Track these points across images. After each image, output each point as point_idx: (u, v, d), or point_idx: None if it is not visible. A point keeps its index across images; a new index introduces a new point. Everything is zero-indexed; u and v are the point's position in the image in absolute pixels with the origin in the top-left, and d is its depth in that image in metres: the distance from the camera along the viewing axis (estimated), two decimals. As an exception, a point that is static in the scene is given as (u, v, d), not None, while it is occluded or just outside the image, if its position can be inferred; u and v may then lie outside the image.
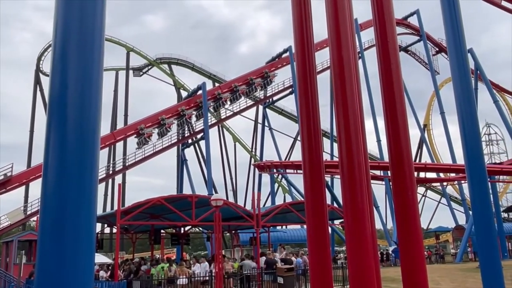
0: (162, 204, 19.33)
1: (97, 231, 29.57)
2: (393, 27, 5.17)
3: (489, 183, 35.29)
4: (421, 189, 65.42)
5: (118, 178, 48.71)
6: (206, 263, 18.03)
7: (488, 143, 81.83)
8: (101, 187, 49.49)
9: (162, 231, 29.16)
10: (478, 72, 52.95)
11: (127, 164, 40.25)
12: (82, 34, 4.44)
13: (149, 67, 57.54)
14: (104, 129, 56.23)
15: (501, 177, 41.80)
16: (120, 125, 51.69)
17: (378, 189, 61.79)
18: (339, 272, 21.68)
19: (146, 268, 19.54)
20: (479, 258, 12.86)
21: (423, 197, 66.57)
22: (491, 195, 38.36)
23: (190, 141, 46.18)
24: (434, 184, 58.90)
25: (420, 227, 5.09)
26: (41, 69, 55.28)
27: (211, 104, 42.26)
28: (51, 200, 3.95)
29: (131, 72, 56.90)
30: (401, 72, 5.18)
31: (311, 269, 5.43)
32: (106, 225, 29.35)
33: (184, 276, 16.82)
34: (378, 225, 56.24)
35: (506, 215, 68.02)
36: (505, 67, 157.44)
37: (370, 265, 4.77)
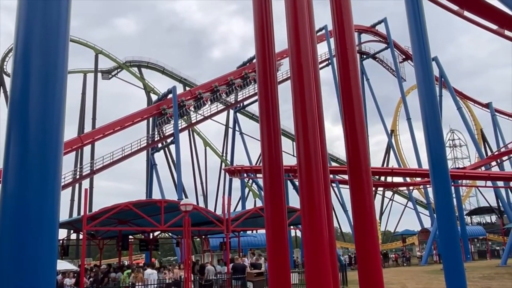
0: (130, 209, 19.00)
1: (63, 237, 28.80)
2: (351, 35, 5.29)
3: (452, 187, 36.47)
4: (388, 193, 66.86)
5: (86, 183, 47.63)
6: (151, 270, 17.54)
7: (452, 148, 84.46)
8: (67, 192, 48.29)
9: (130, 236, 28.66)
10: (443, 79, 54.65)
11: (95, 169, 39.40)
12: (45, 35, 4.35)
13: (118, 70, 56.64)
14: (71, 132, 54.98)
15: (464, 181, 43.12)
16: (87, 128, 50.70)
17: (348, 193, 62.63)
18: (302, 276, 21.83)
19: (114, 276, 19.14)
20: (442, 260, 13.22)
21: (390, 201, 68.02)
22: (455, 199, 39.60)
23: (160, 145, 45.65)
24: (401, 188, 60.28)
25: (376, 230, 5.20)
26: (4, 70, 53.58)
27: (192, 103, 42.01)
28: (10, 205, 3.84)
29: (99, 75, 55.89)
30: (359, 79, 5.31)
31: (270, 273, 5.45)
32: (72, 231, 28.64)
33: (141, 283, 16.53)
34: (347, 229, 57.09)
35: (469, 218, 70.27)
36: (468, 75, 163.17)
37: (327, 268, 4.81)
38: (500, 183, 42.62)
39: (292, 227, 28.38)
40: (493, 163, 45.74)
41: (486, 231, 53.79)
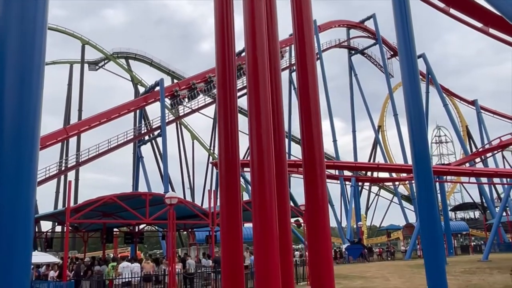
0: (115, 202, 18.89)
1: (47, 230, 28.56)
2: (310, 31, 5.28)
3: (437, 183, 36.90)
4: (374, 188, 67.45)
5: (71, 175, 47.19)
6: (127, 263, 17.46)
7: (438, 145, 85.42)
8: (52, 184, 47.79)
9: (115, 229, 28.53)
10: (430, 76, 55.07)
11: (80, 161, 39.09)
12: (22, 24, 4.28)
13: (106, 61, 56.03)
14: (57, 124, 54.44)
15: (448, 177, 43.66)
16: (73, 120, 50.11)
17: (334, 188, 63.14)
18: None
19: (98, 269, 19.04)
20: (423, 254, 13.40)
21: (376, 196, 68.63)
22: (439, 195, 40.17)
23: (147, 138, 45.39)
24: (387, 184, 60.83)
25: (328, 224, 5.23)
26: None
27: (186, 93, 41.94)
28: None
29: (86, 66, 55.22)
30: (317, 75, 5.31)
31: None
32: (56, 224, 28.40)
33: (119, 276, 16.48)
34: (333, 223, 57.46)
35: (453, 214, 71.30)
36: (455, 73, 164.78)
37: (275, 264, 4.82)
38: (484, 180, 43.27)
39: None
40: (478, 160, 46.38)
41: (469, 227, 54.65)
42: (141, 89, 50.96)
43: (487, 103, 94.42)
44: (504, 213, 44.87)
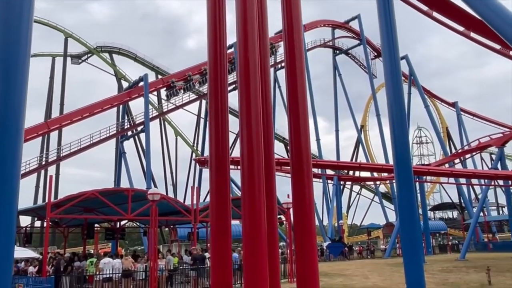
0: (97, 198, 18.75)
1: (26, 225, 28.12)
2: (300, 36, 5.37)
3: (417, 183, 37.46)
4: (356, 187, 68.17)
5: (52, 170, 46.53)
6: (108, 259, 17.36)
7: (419, 145, 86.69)
8: (32, 179, 47.06)
9: (96, 225, 28.28)
10: (412, 78, 55.88)
11: (61, 155, 38.59)
12: (6, 15, 4.26)
13: (89, 55, 55.30)
14: (38, 117, 53.59)
15: (428, 177, 44.42)
16: (55, 114, 49.41)
17: (316, 187, 63.48)
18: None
19: (78, 265, 18.87)
20: (402, 253, 13.64)
21: (358, 195, 69.36)
22: (419, 195, 40.80)
23: (130, 133, 45.03)
24: (368, 183, 61.57)
25: (314, 222, 5.34)
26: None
27: (182, 85, 41.86)
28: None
29: (69, 59, 54.44)
30: (305, 77, 5.41)
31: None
32: (36, 219, 28.03)
33: (98, 272, 16.40)
34: (315, 221, 57.89)
35: (432, 213, 72.52)
36: (437, 75, 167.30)
37: (263, 260, 4.91)
38: (462, 180, 44.14)
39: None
40: (457, 161, 47.27)
41: (448, 226, 55.69)
42: (125, 84, 50.55)
43: (468, 105, 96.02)
44: (481, 214, 45.86)
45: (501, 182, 37.06)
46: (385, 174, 42.67)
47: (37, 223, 33.11)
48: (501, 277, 19.17)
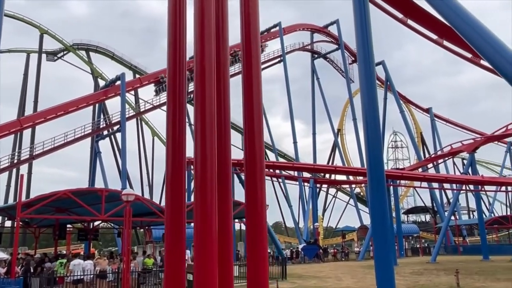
0: (70, 198, 18.41)
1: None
2: (257, 42, 5.44)
3: (391, 187, 38.09)
4: (332, 190, 68.84)
5: (24, 168, 45.50)
6: (79, 260, 17.12)
7: (394, 150, 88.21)
8: (3, 177, 45.87)
9: (69, 225, 27.77)
10: (388, 83, 56.84)
11: (34, 154, 37.78)
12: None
13: (65, 52, 54.35)
14: (10, 115, 52.29)
15: (402, 181, 45.23)
16: (28, 111, 48.35)
17: (293, 189, 63.84)
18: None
19: (49, 266, 18.51)
20: (374, 255, 13.89)
21: (334, 198, 70.02)
22: (393, 198, 41.52)
23: (106, 132, 44.41)
24: (344, 186, 62.28)
25: (265, 224, 5.42)
26: None
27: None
28: None
29: (44, 56, 53.37)
30: (261, 81, 5.47)
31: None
32: (6, 218, 27.35)
33: (69, 274, 16.16)
34: (291, 224, 58.28)
35: (405, 217, 73.83)
36: (413, 81, 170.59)
37: (213, 262, 4.96)
38: (435, 185, 45.12)
39: (236, 220, 28.62)
40: (430, 165, 48.26)
41: (420, 229, 56.79)
42: (102, 83, 49.85)
43: (442, 111, 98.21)
44: (453, 217, 46.96)
45: (471, 187, 38.03)
46: (361, 178, 43.27)
47: (7, 223, 32.29)
48: (469, 279, 19.70)
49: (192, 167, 37.16)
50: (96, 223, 27.38)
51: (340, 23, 59.34)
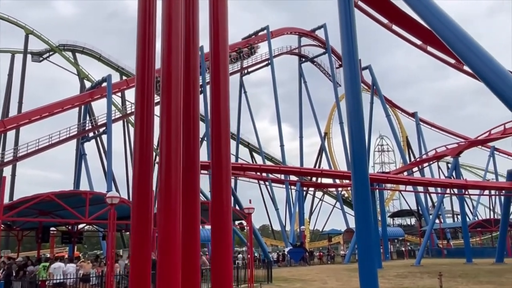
0: (53, 200, 18.22)
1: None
2: (225, 47, 5.48)
3: (377, 190, 38.37)
4: (319, 194, 69.07)
5: (8, 170, 44.83)
6: (59, 263, 16.92)
7: (380, 153, 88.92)
8: (-15, 179, 45.03)
9: (52, 228, 27.45)
10: (375, 87, 57.34)
11: (18, 156, 37.29)
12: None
13: (51, 53, 53.81)
14: (-6, 115, 51.44)
15: (388, 185, 45.65)
16: (13, 112, 47.69)
17: (279, 192, 64.02)
18: (232, 272, 22.06)
19: (32, 269, 18.24)
20: (358, 258, 14.01)
21: (320, 201, 70.23)
22: (379, 201, 41.88)
23: (91, 134, 44.03)
24: (330, 189, 62.56)
25: (231, 227, 5.44)
26: None
27: None
28: None
29: (29, 56, 52.78)
30: (228, 83, 5.50)
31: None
32: (-12, 221, 26.91)
33: (49, 277, 15.98)
34: (277, 227, 58.34)
35: (391, 220, 74.41)
36: (400, 85, 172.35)
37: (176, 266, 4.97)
38: (420, 188, 45.60)
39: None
40: (415, 169, 48.80)
41: (405, 233, 57.23)
42: (88, 84, 49.42)
43: (427, 116, 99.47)
44: (437, 221, 47.50)
45: (456, 190, 38.52)
46: (347, 181, 43.52)
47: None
48: (453, 282, 19.92)
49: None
50: (80, 226, 27.12)
51: (328, 28, 59.73)
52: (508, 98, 9.46)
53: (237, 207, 31.17)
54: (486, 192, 41.93)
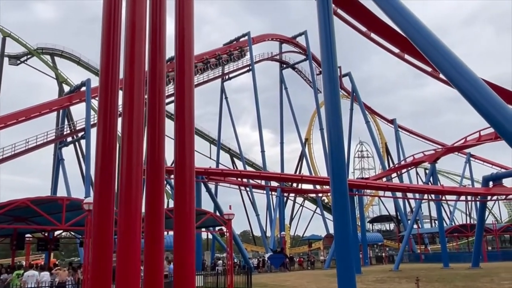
0: (29, 206, 17.83)
1: None
2: (190, 54, 5.51)
3: (356, 196, 38.68)
4: (300, 199, 69.34)
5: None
6: (33, 271, 16.61)
7: (360, 159, 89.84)
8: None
9: (28, 235, 26.83)
10: (354, 94, 58.05)
11: (-7, 161, 36.46)
12: None
13: (29, 56, 52.81)
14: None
15: (368, 190, 46.11)
16: (-13, 116, 46.56)
17: (260, 198, 64.01)
18: (212, 278, 21.97)
19: (5, 277, 17.81)
20: (336, 264, 14.08)
21: (301, 207, 70.54)
22: (358, 207, 42.29)
23: (69, 139, 43.36)
24: (311, 195, 62.87)
25: (193, 233, 5.44)
26: None
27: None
28: None
29: (6, 59, 51.70)
30: (193, 87, 5.51)
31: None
32: (-40, 228, 26.18)
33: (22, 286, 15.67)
34: (258, 233, 58.28)
35: (371, 225, 75.16)
36: (379, 92, 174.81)
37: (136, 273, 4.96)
38: (398, 194, 46.22)
39: (203, 229, 28.41)
40: (394, 175, 49.45)
41: (384, 238, 57.91)
42: (67, 88, 48.68)
43: (405, 123, 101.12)
44: (415, 226, 48.18)
45: (433, 196, 39.15)
46: (327, 187, 43.80)
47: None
48: (430, 286, 20.23)
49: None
50: (57, 232, 26.57)
51: (309, 35, 60.30)
52: (481, 106, 9.70)
53: (217, 213, 31.06)
54: (463, 197, 42.69)
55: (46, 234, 25.92)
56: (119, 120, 5.33)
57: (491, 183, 34.13)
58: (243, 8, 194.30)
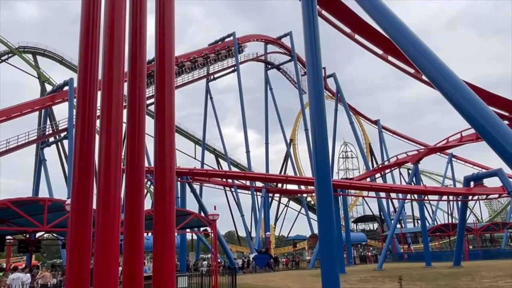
0: (9, 208, 17.52)
1: None
2: (171, 55, 5.50)
3: (341, 196, 38.93)
4: (284, 199, 69.52)
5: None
6: (18, 274, 16.39)
7: (344, 160, 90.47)
8: None
9: (9, 237, 26.37)
10: (339, 95, 58.43)
11: (-28, 161, 35.78)
12: None
13: (10, 55, 51.89)
14: None
15: (352, 191, 46.48)
16: (-33, 116, 45.58)
17: (245, 198, 64.03)
18: (196, 279, 21.87)
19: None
20: (320, 263, 14.16)
21: (286, 207, 70.70)
22: (342, 207, 42.54)
23: (52, 139, 42.71)
24: (295, 195, 63.06)
25: (173, 233, 5.43)
26: None
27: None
28: None
29: (-14, 58, 50.75)
30: (173, 88, 5.50)
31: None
32: None
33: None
34: (243, 233, 58.24)
35: (355, 225, 75.72)
36: (363, 93, 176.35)
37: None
38: (382, 194, 46.68)
39: (188, 230, 28.29)
40: (378, 175, 49.92)
41: (368, 238, 58.44)
42: (49, 88, 47.97)
43: (388, 123, 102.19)
44: (398, 225, 48.69)
45: (416, 196, 39.66)
46: (311, 187, 44.00)
47: None
48: (412, 286, 20.44)
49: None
50: (39, 234, 26.16)
51: (293, 36, 60.50)
52: (462, 107, 9.85)
53: (202, 214, 30.95)
54: (445, 197, 43.34)
55: (27, 236, 25.50)
56: (98, 121, 5.26)
57: (472, 183, 34.68)
58: (229, 9, 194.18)
